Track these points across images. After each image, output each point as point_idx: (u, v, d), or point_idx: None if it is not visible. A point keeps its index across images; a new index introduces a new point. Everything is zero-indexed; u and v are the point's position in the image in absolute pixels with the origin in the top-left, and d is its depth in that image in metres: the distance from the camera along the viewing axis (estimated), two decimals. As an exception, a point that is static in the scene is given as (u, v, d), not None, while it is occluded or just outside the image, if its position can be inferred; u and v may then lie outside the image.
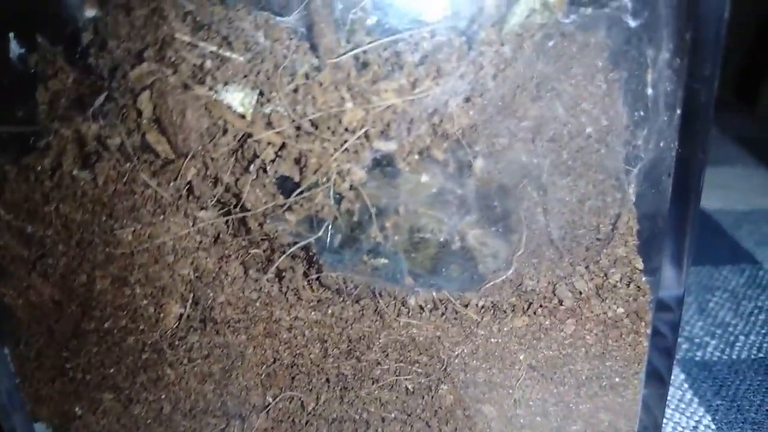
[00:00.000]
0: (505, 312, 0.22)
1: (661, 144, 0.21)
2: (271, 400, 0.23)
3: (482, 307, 0.22)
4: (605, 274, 0.23)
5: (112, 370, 0.21)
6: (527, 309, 0.23)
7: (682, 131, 0.20)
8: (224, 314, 0.21)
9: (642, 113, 0.21)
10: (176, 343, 0.21)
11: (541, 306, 0.23)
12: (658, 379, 0.24)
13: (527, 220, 0.22)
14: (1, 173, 0.19)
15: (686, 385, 0.29)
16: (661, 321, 0.23)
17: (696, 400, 0.28)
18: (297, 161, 0.20)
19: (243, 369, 0.22)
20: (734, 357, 0.31)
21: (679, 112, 0.20)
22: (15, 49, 0.21)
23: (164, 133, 0.19)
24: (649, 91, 0.20)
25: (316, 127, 0.19)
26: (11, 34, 0.21)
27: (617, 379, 0.24)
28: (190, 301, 0.21)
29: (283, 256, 0.21)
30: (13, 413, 0.22)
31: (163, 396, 0.22)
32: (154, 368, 0.22)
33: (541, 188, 0.22)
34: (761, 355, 0.30)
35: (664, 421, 0.28)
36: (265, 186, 0.20)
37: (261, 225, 0.20)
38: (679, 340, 0.32)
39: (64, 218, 0.19)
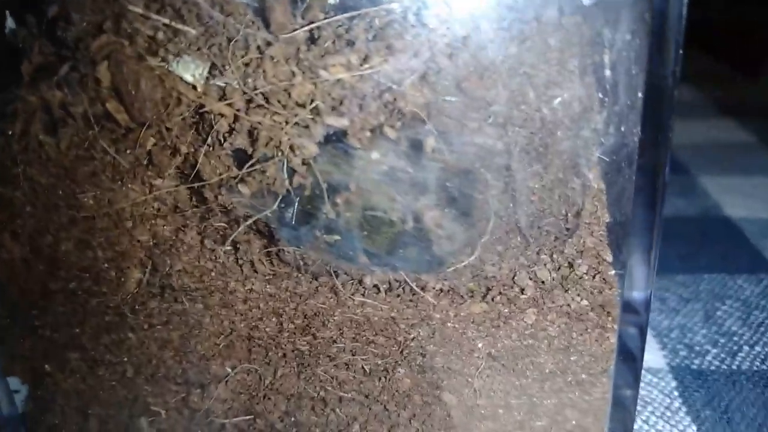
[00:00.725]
0: (462, 297, 0.22)
1: (623, 129, 0.20)
2: (229, 370, 0.23)
3: (439, 290, 0.22)
4: (570, 265, 0.22)
5: (77, 330, 0.22)
6: (486, 295, 0.22)
7: (644, 116, 0.20)
8: (181, 282, 0.22)
9: (603, 96, 0.20)
10: (137, 307, 0.22)
11: (500, 293, 0.22)
12: (627, 381, 0.23)
13: (492, 205, 0.22)
14: (-25, 136, 0.21)
15: (676, 393, 0.28)
16: (627, 323, 0.22)
17: (684, 409, 0.27)
18: (250, 134, 0.20)
19: (201, 338, 0.23)
20: (734, 367, 0.29)
21: (640, 95, 0.20)
22: (10, 24, 0.22)
23: (122, 103, 0.20)
24: (608, 73, 0.20)
25: (267, 101, 0.20)
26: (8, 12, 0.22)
27: (584, 376, 0.23)
28: (149, 267, 0.22)
29: (240, 229, 0.21)
30: (-11, 367, 0.23)
31: (126, 359, 0.23)
32: (116, 331, 0.22)
33: (502, 173, 0.21)
34: (764, 367, 0.29)
35: (647, 427, 0.27)
36: (221, 158, 0.21)
37: (216, 196, 0.21)
38: (678, 346, 0.31)
39: (30, 181, 0.21)
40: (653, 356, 0.31)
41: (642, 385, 0.29)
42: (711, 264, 0.38)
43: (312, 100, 0.20)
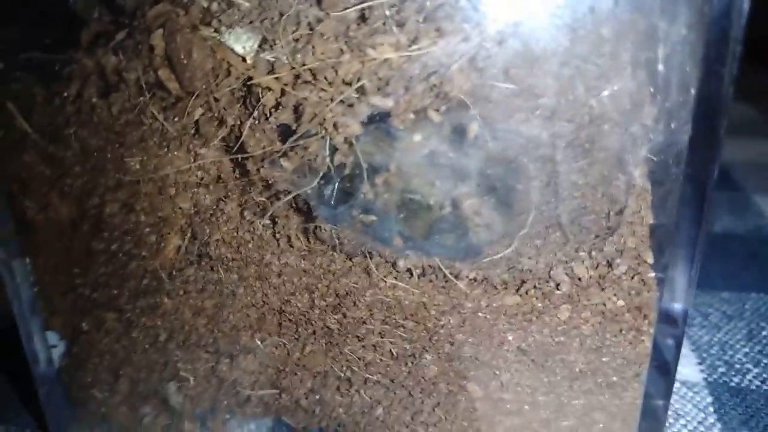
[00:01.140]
0: (496, 288, 0.22)
1: (673, 126, 0.20)
2: (259, 343, 0.23)
3: (473, 279, 0.22)
4: (609, 264, 0.22)
5: (116, 292, 0.23)
6: (519, 288, 0.22)
7: (696, 115, 0.19)
8: (219, 251, 0.22)
9: (654, 92, 0.20)
10: (174, 273, 0.23)
11: (535, 287, 0.22)
12: (659, 391, 0.23)
13: (533, 198, 0.21)
14: (32, 96, 0.21)
15: (711, 409, 0.27)
16: (664, 333, 0.22)
17: (719, 425, 0.26)
18: (295, 109, 0.20)
19: (234, 308, 0.23)
20: (775, 388, 0.28)
21: (693, 93, 0.19)
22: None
23: (174, 71, 0.20)
24: (660, 68, 0.19)
25: (315, 77, 0.20)
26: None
27: (615, 378, 0.23)
28: (189, 234, 0.22)
29: (279, 203, 0.22)
30: (31, 319, 0.24)
31: (160, 323, 0.23)
32: (153, 295, 0.23)
33: (548, 167, 0.21)
34: (808, 390, 0.28)
35: (678, 439, 0.26)
36: (265, 131, 0.21)
37: (258, 170, 0.21)
38: (717, 362, 0.30)
39: (81, 142, 0.21)
40: (690, 370, 0.30)
41: (676, 398, 0.28)
42: (758, 283, 0.37)
43: (358, 79, 0.20)
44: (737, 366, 0.29)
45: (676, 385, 0.29)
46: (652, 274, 0.22)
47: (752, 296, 0.35)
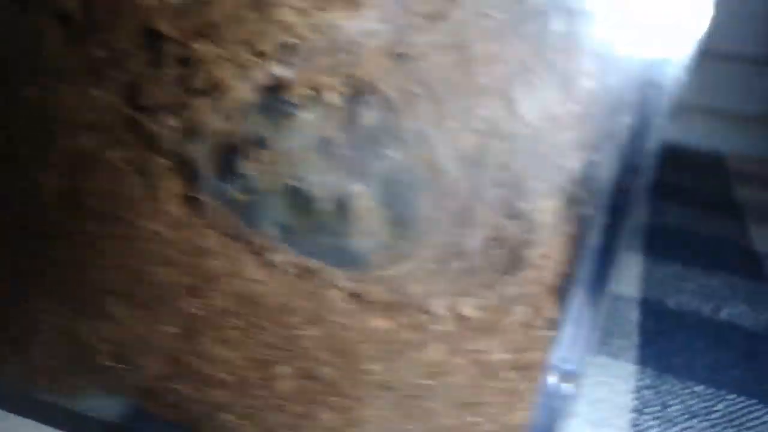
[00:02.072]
0: (368, 306, 0.19)
1: (595, 159, 0.17)
2: (118, 310, 0.22)
3: (347, 291, 0.20)
4: (502, 308, 0.19)
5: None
6: (394, 313, 0.19)
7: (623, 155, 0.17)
8: (92, 201, 0.21)
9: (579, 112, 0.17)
10: (47, 215, 0.21)
11: (410, 315, 0.19)
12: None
13: (433, 215, 0.19)
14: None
15: None
16: (548, 404, 0.19)
17: None
18: (192, 64, 0.19)
19: (99, 267, 0.21)
20: None
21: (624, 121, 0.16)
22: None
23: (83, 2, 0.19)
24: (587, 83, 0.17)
25: (216, 33, 0.18)
26: None
27: (488, 444, 0.20)
28: (67, 178, 0.21)
29: (160, 163, 0.20)
30: None
31: (26, 267, 0.22)
32: (23, 237, 0.22)
33: (452, 183, 0.19)
34: None
35: None
36: (162, 84, 0.20)
37: (147, 124, 0.20)
38: None
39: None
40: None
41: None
42: (742, 384, 0.32)
43: (261, 42, 0.18)
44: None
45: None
46: (548, 332, 0.19)
47: (730, 397, 0.31)
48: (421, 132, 0.18)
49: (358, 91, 0.18)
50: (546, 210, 0.18)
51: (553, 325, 0.18)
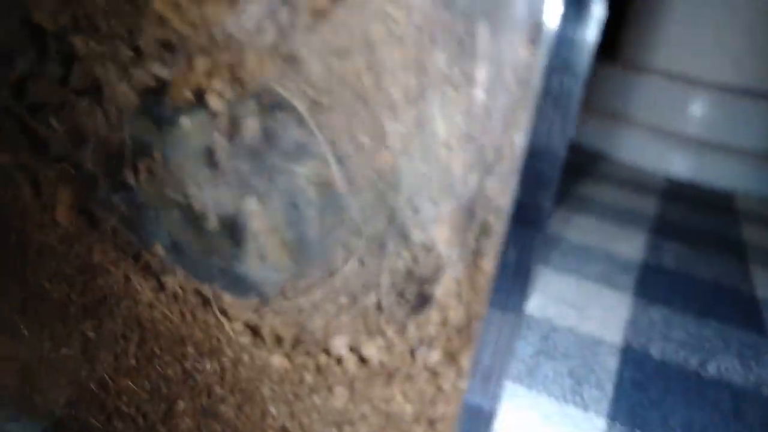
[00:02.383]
0: (264, 341, 0.17)
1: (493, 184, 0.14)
2: (24, 328, 0.20)
3: (242, 322, 0.17)
4: (407, 352, 0.16)
5: None
6: (292, 351, 0.17)
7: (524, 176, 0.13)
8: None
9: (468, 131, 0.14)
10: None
11: (309, 354, 0.17)
12: None
13: (331, 242, 0.16)
14: None
15: None
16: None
17: None
18: (69, 61, 0.17)
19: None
20: None
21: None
22: None
23: None
24: (481, 95, 0.13)
25: (89, 24, 0.16)
26: None
27: None
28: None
29: (47, 169, 0.18)
30: None
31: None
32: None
33: (347, 206, 0.16)
34: None
35: None
36: (46, 82, 0.18)
37: (32, 125, 0.18)
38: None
39: None
40: None
41: None
42: None
43: (137, 37, 0.16)
44: None
45: None
46: (457, 382, 0.16)
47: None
48: (321, 145, 0.16)
49: (244, 96, 0.16)
50: (443, 239, 0.15)
51: (462, 373, 0.15)
